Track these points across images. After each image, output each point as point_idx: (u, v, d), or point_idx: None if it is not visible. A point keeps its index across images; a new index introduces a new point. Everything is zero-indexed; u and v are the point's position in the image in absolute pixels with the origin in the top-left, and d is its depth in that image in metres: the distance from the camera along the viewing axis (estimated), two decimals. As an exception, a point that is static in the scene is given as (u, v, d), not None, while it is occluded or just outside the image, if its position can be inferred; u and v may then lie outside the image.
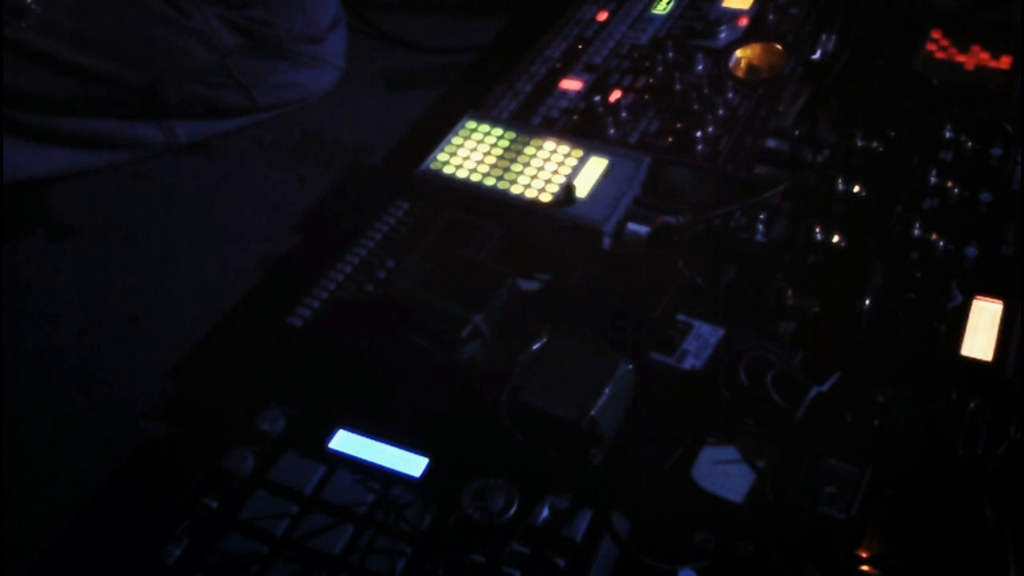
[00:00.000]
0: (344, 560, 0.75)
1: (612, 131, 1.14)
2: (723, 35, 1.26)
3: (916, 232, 0.97)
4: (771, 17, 1.27)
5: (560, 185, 1.05)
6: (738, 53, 1.23)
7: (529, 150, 1.10)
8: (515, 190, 1.06)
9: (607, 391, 0.78)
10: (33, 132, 1.21)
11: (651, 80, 1.21)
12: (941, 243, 0.96)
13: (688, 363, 0.87)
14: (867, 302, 0.91)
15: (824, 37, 1.27)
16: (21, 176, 1.22)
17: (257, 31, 1.27)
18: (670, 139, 1.11)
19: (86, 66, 1.18)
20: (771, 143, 1.13)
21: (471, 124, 1.15)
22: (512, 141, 1.12)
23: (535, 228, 1.03)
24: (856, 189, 1.04)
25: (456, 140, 1.13)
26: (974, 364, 0.85)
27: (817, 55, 1.26)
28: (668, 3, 1.35)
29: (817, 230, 0.98)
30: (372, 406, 0.86)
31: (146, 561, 0.76)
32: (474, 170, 1.08)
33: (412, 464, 0.81)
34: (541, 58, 1.29)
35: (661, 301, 0.89)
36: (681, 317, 0.91)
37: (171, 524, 0.78)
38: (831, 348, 0.88)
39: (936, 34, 1.25)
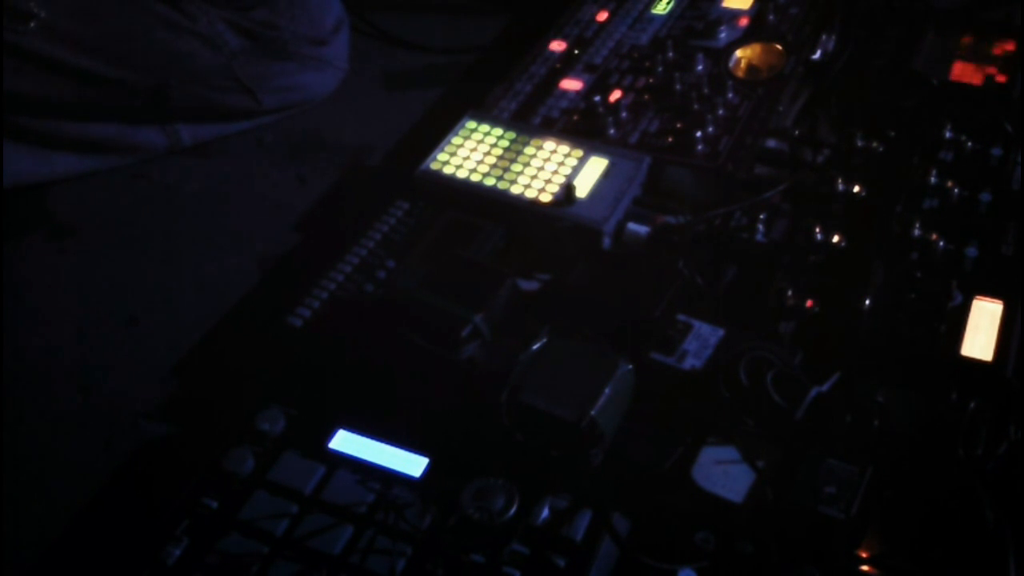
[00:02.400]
0: (344, 560, 0.75)
1: (612, 131, 1.14)
2: (723, 35, 1.26)
3: (916, 232, 0.97)
4: (771, 17, 1.27)
5: (560, 185, 1.05)
6: (738, 53, 1.23)
7: (529, 150, 1.10)
8: (515, 190, 1.06)
9: (607, 391, 0.78)
10: (36, 137, 1.20)
11: (651, 80, 1.21)
12: (941, 243, 0.96)
13: (688, 363, 0.87)
14: (867, 302, 0.91)
15: (824, 37, 1.27)
16: (23, 180, 1.22)
17: (262, 34, 1.27)
18: (670, 139, 1.11)
19: (90, 70, 1.17)
20: (771, 143, 1.13)
21: (471, 124, 1.15)
22: (512, 141, 1.12)
23: (535, 228, 1.03)
24: (856, 189, 1.04)
25: (456, 140, 1.13)
26: (974, 364, 0.85)
27: (817, 55, 1.26)
28: (668, 3, 1.35)
29: (817, 230, 0.98)
30: (372, 406, 0.86)
31: (146, 561, 0.76)
32: (474, 170, 1.08)
33: (412, 464, 0.81)
34: (541, 58, 1.29)
35: (661, 301, 0.89)
36: (681, 317, 0.91)
37: (171, 524, 0.78)
38: (831, 348, 0.88)
39: (936, 34, 1.25)
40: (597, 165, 1.07)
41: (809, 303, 0.93)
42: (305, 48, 1.32)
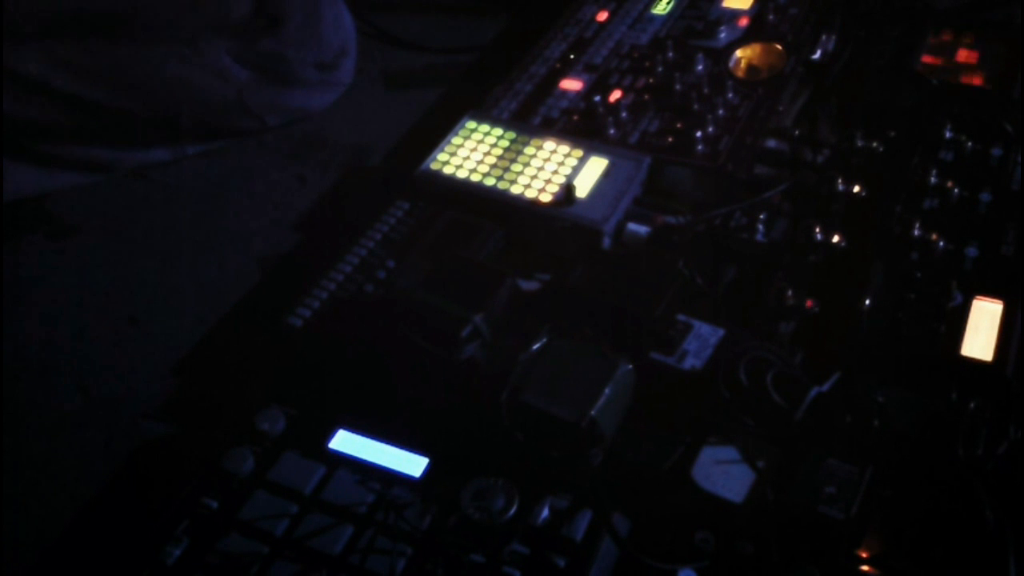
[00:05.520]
0: (344, 560, 0.75)
1: (612, 131, 1.14)
2: (723, 35, 1.26)
3: (916, 232, 0.97)
4: (771, 17, 1.27)
5: (560, 185, 1.05)
6: (738, 53, 1.23)
7: (529, 150, 1.10)
8: (515, 190, 1.06)
9: (607, 391, 0.78)
10: (40, 160, 1.20)
11: (651, 80, 1.21)
12: (941, 243, 0.96)
13: (688, 363, 0.87)
14: (867, 302, 0.91)
15: (824, 37, 1.27)
16: (24, 194, 1.21)
17: (270, 65, 1.27)
18: (670, 139, 1.11)
19: (100, 102, 1.17)
20: (771, 143, 1.13)
21: (471, 124, 1.15)
22: (512, 141, 1.12)
23: (535, 228, 1.03)
24: (856, 189, 1.04)
25: (456, 140, 1.13)
26: (974, 364, 0.85)
27: (817, 55, 1.26)
28: (668, 3, 1.35)
29: (817, 230, 0.98)
30: (372, 406, 0.86)
31: (146, 561, 0.76)
32: (474, 170, 1.08)
33: (412, 464, 0.81)
34: (541, 58, 1.29)
35: (661, 301, 0.89)
36: (681, 317, 0.91)
37: (171, 524, 0.78)
38: (831, 348, 0.88)
39: (936, 34, 1.25)
40: (597, 165, 1.07)
41: (809, 303, 0.93)
42: (311, 74, 1.32)
